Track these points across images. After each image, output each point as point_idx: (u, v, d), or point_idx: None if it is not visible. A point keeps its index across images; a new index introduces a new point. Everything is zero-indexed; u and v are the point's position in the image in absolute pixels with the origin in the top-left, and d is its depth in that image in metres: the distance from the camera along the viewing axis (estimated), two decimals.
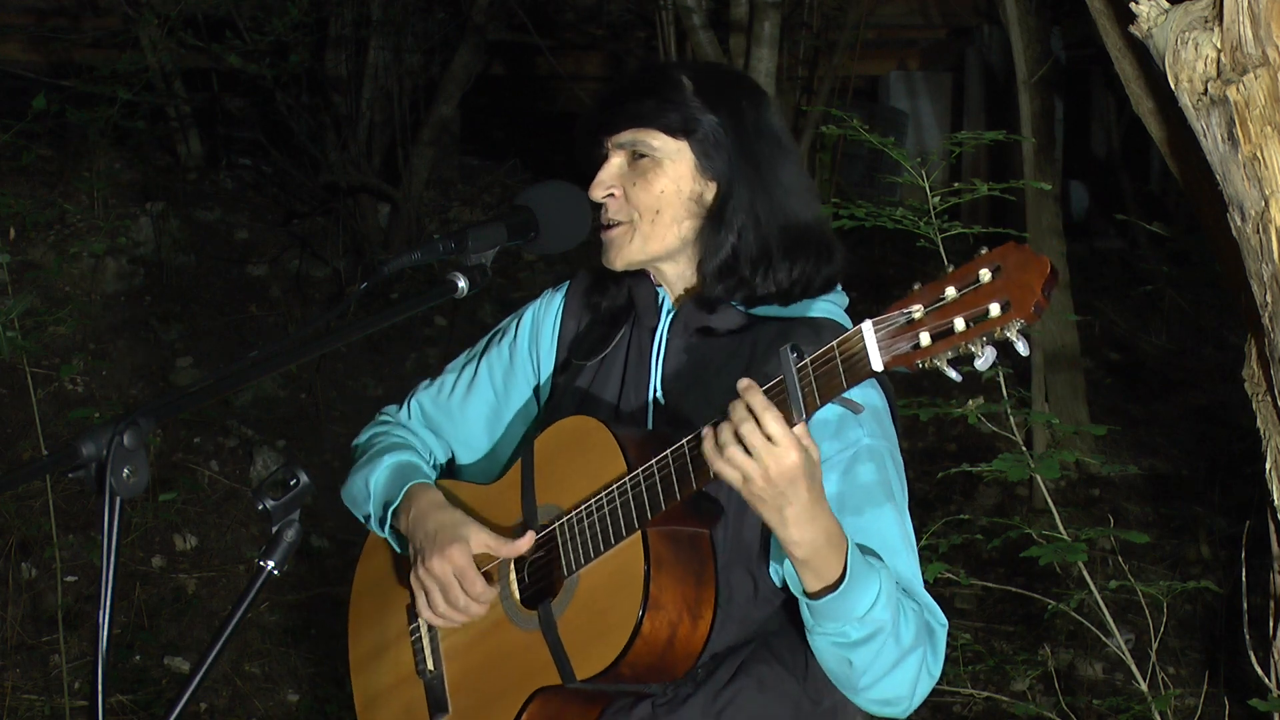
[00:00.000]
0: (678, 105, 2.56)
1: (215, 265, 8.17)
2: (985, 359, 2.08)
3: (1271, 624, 3.65)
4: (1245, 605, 4.14)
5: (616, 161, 2.59)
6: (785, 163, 2.60)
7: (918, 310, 2.13)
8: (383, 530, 2.75)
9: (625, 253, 2.58)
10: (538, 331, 2.77)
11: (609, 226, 2.59)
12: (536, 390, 2.78)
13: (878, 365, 2.16)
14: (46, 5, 9.07)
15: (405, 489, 2.70)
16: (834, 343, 2.20)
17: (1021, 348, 2.07)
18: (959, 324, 2.09)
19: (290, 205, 8.84)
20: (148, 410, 1.95)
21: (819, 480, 2.30)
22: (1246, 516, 4.53)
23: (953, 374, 2.12)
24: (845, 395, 2.21)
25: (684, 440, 2.36)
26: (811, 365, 2.22)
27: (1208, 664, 5.79)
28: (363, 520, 2.82)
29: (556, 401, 2.70)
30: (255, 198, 8.96)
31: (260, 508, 2.05)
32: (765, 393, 2.25)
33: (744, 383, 2.26)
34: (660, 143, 2.56)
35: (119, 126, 7.99)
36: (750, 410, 2.24)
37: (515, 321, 2.81)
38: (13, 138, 6.98)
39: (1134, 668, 4.35)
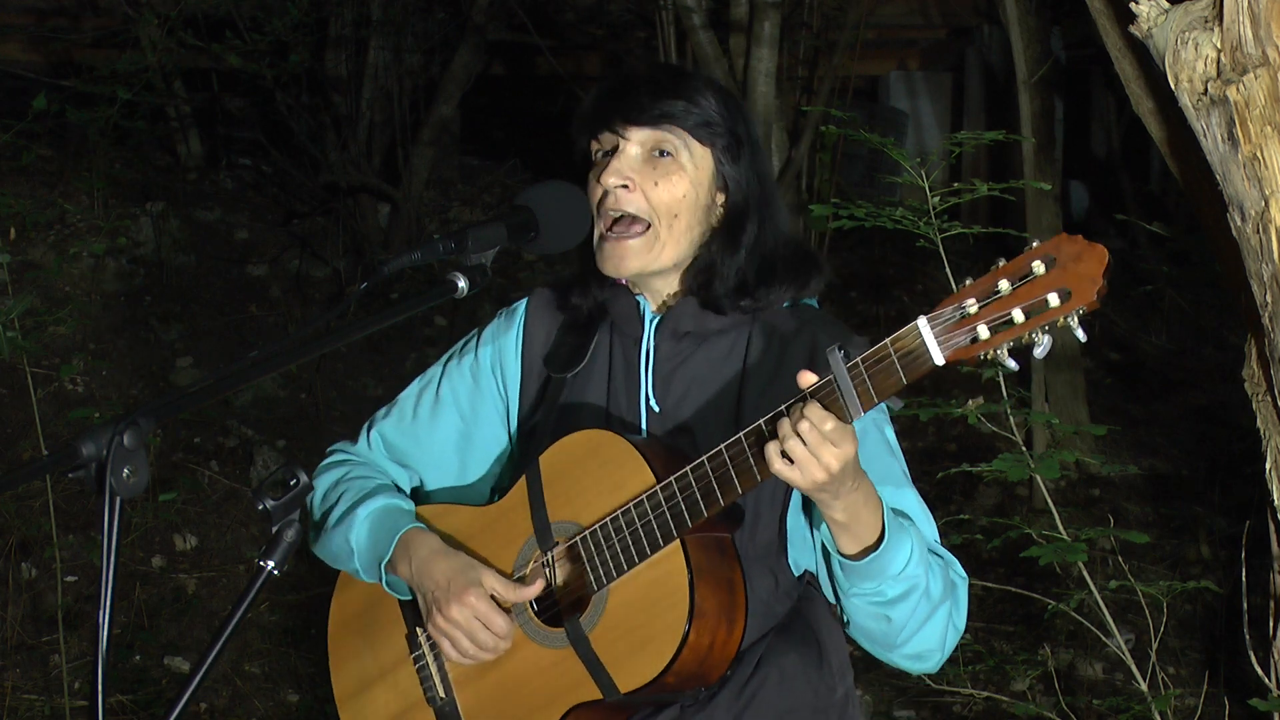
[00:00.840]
0: (705, 111, 2.57)
1: (215, 265, 8.17)
2: (1043, 347, 2.16)
3: (1271, 624, 3.64)
4: (1245, 605, 4.13)
5: (634, 153, 2.57)
6: (776, 187, 2.65)
7: (972, 304, 2.17)
8: (373, 579, 2.71)
9: (640, 261, 2.56)
10: (500, 352, 2.73)
11: (618, 224, 2.55)
12: (505, 408, 2.74)
13: (939, 359, 2.20)
14: (46, 5, 9.07)
15: (395, 539, 2.65)
16: (887, 340, 2.23)
17: (1080, 335, 2.13)
18: (1018, 315, 2.15)
19: (290, 205, 8.84)
20: (148, 410, 1.95)
21: (857, 460, 2.34)
22: (1246, 516, 4.53)
23: (1011, 364, 2.18)
24: None
25: (723, 446, 2.36)
26: (864, 364, 2.25)
27: (1208, 664, 5.79)
28: (349, 571, 2.77)
29: (543, 418, 2.67)
30: (255, 198, 8.96)
31: (260, 508, 2.05)
32: (814, 394, 2.28)
33: (805, 382, 2.29)
34: (687, 145, 2.56)
35: (119, 126, 7.99)
36: (806, 415, 2.27)
37: (473, 342, 2.77)
38: (13, 138, 6.99)
39: (1134, 668, 4.35)
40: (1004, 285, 2.16)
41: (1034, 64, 6.88)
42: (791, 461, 2.28)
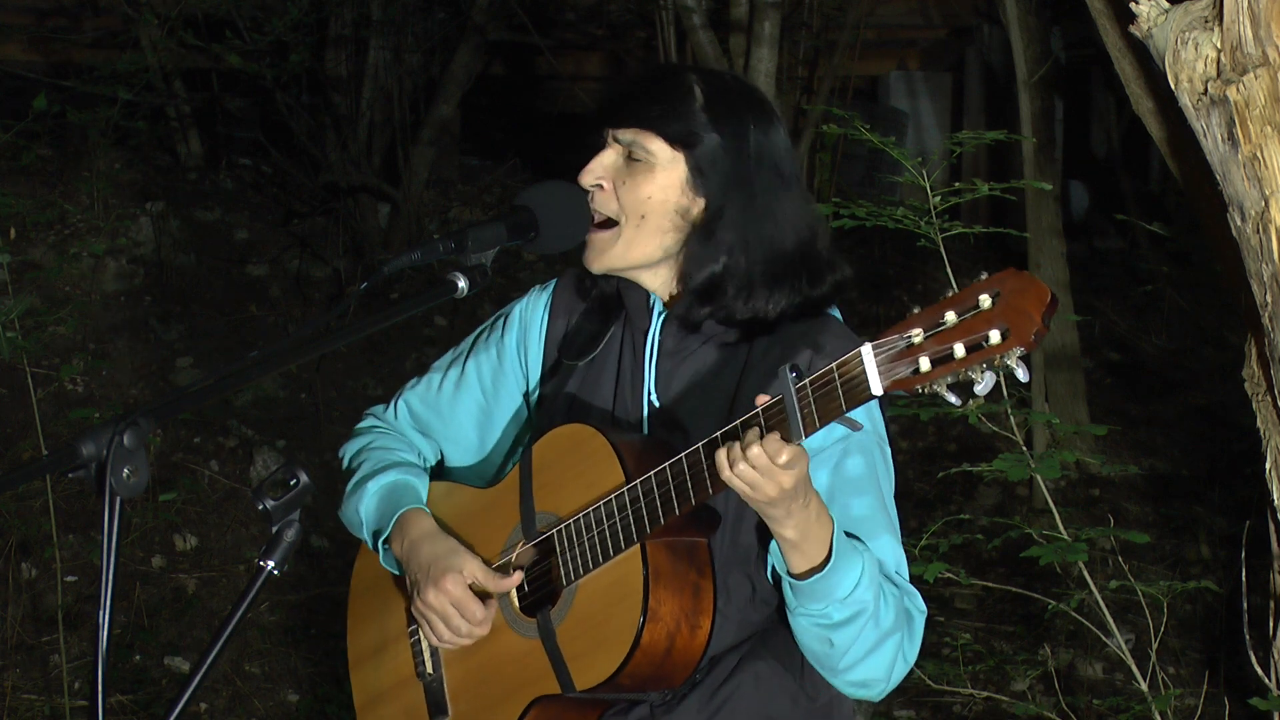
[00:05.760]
0: (683, 116, 2.55)
1: (215, 265, 8.17)
2: (985, 384, 2.09)
3: (1271, 624, 3.65)
4: (1245, 605, 4.14)
5: (611, 155, 2.58)
6: (781, 192, 2.58)
7: (917, 334, 2.12)
8: (376, 551, 2.76)
9: (606, 258, 2.58)
10: (525, 331, 2.76)
11: (598, 225, 2.58)
12: (526, 389, 2.77)
13: (877, 389, 2.16)
14: (46, 5, 9.07)
15: (395, 518, 2.70)
16: (833, 365, 2.20)
17: (1021, 374, 2.07)
18: (959, 350, 2.09)
19: (290, 205, 8.84)
20: (148, 410, 1.95)
21: (808, 477, 2.33)
22: (1246, 516, 4.52)
23: (953, 399, 2.12)
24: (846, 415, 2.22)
25: (683, 455, 2.36)
26: (810, 386, 2.22)
27: (1208, 664, 5.79)
28: (361, 539, 2.83)
29: (550, 405, 2.69)
30: (255, 198, 8.96)
31: (260, 508, 2.05)
32: (766, 411, 2.26)
33: (760, 400, 2.28)
34: (658, 148, 2.55)
35: (119, 126, 7.99)
36: (759, 438, 2.26)
37: (502, 320, 2.80)
38: (13, 138, 6.99)
39: (1134, 668, 4.35)
40: (950, 317, 2.10)
41: (1034, 64, 6.88)
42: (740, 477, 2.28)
